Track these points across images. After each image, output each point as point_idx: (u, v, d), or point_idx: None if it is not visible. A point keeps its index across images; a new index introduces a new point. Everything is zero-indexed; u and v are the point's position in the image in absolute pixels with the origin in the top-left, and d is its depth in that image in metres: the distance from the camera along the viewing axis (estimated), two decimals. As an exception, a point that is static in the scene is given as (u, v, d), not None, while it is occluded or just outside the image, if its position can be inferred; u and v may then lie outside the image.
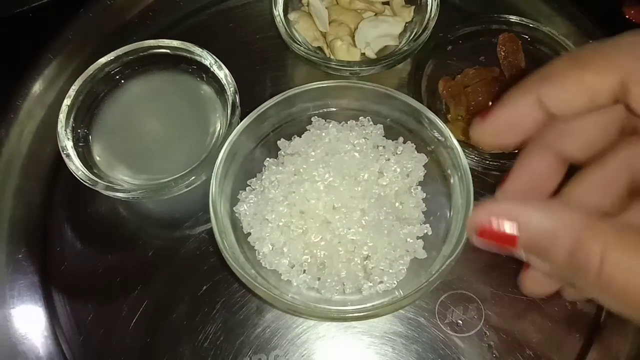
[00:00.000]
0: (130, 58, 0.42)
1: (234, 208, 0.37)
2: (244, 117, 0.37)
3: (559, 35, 0.44)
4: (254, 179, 0.38)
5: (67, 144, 0.38)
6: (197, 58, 0.41)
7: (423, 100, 0.42)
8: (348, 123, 0.40)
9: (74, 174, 0.37)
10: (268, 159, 0.39)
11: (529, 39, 0.44)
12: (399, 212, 0.37)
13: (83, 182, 0.37)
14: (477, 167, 0.40)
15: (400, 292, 0.34)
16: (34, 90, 0.45)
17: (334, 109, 0.40)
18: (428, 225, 0.37)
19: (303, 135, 0.39)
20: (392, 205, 0.37)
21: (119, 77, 0.42)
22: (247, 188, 0.38)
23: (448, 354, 0.36)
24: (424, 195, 0.38)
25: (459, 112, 0.42)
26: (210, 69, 0.41)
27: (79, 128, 0.40)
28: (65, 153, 0.38)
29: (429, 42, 0.43)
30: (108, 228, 0.41)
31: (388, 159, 0.38)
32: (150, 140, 0.42)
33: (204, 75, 0.42)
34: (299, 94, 0.38)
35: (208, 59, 0.41)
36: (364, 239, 0.35)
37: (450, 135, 0.36)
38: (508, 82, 0.43)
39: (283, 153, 0.39)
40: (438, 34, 0.44)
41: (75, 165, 0.38)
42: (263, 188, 0.38)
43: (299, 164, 0.37)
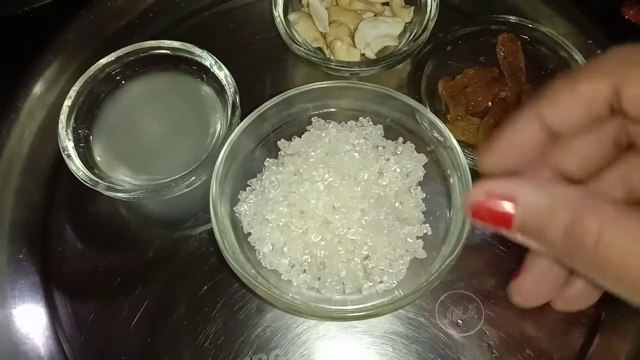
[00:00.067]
0: (131, 59, 0.42)
1: (234, 208, 0.37)
2: (244, 117, 0.37)
3: (559, 36, 0.44)
4: (254, 179, 0.38)
5: (68, 145, 0.38)
6: (197, 59, 0.41)
7: (423, 101, 0.42)
8: (348, 123, 0.40)
9: (75, 175, 0.37)
10: (268, 159, 0.39)
11: (529, 40, 0.45)
12: (399, 212, 0.37)
13: (84, 182, 0.37)
14: (476, 167, 0.40)
15: (400, 291, 0.35)
16: (35, 91, 0.45)
17: (334, 110, 0.40)
18: (428, 225, 0.37)
19: (303, 136, 0.39)
20: (392, 205, 0.37)
21: (120, 77, 0.42)
22: (247, 188, 0.38)
23: (448, 354, 0.36)
24: (424, 195, 0.38)
25: (459, 112, 0.42)
26: (211, 70, 0.41)
27: (80, 128, 0.40)
28: (66, 153, 0.38)
29: (429, 42, 0.44)
30: (109, 228, 0.41)
31: (388, 159, 0.38)
32: (151, 141, 0.42)
33: (204, 76, 0.42)
34: (299, 95, 0.38)
35: (208, 60, 0.41)
36: (364, 239, 0.35)
37: (450, 136, 0.36)
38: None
39: (283, 153, 0.39)
40: (437, 35, 0.44)
41: (76, 166, 0.38)
42: (263, 188, 0.38)
43: (299, 164, 0.37)
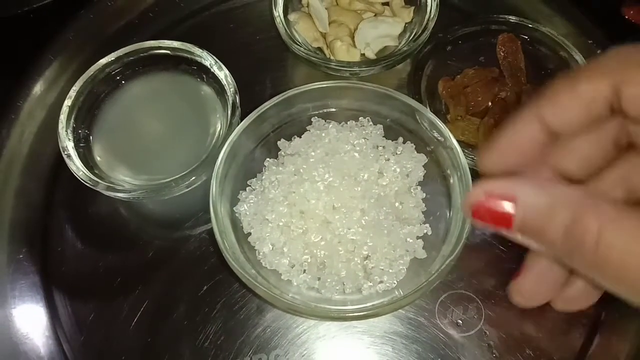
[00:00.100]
0: (131, 59, 0.42)
1: (234, 208, 0.37)
2: (244, 117, 0.37)
3: (559, 36, 0.44)
4: (254, 179, 0.38)
5: (68, 145, 0.38)
6: (197, 59, 0.41)
7: (423, 101, 0.42)
8: (348, 123, 0.40)
9: (75, 175, 0.37)
10: (268, 159, 0.39)
11: (529, 39, 0.45)
12: (399, 212, 0.37)
13: (84, 182, 0.37)
14: (476, 167, 0.40)
15: (400, 291, 0.35)
16: (35, 91, 0.45)
17: (334, 110, 0.40)
18: (428, 225, 0.37)
19: (303, 136, 0.39)
20: (392, 205, 0.37)
21: (120, 77, 0.42)
22: (247, 188, 0.38)
23: (448, 354, 0.36)
24: (424, 195, 0.38)
25: (459, 112, 0.42)
26: (211, 70, 0.41)
27: (80, 129, 0.40)
28: (66, 153, 0.38)
29: (429, 42, 0.43)
30: (109, 228, 0.41)
31: (388, 159, 0.38)
32: (151, 141, 0.42)
33: (204, 76, 0.42)
34: (299, 95, 0.38)
35: (208, 60, 0.41)
36: (364, 239, 0.35)
37: (450, 136, 0.36)
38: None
39: (283, 153, 0.39)
40: (437, 35, 0.44)
41: (76, 166, 0.38)
42: (263, 188, 0.38)
43: (299, 164, 0.37)
